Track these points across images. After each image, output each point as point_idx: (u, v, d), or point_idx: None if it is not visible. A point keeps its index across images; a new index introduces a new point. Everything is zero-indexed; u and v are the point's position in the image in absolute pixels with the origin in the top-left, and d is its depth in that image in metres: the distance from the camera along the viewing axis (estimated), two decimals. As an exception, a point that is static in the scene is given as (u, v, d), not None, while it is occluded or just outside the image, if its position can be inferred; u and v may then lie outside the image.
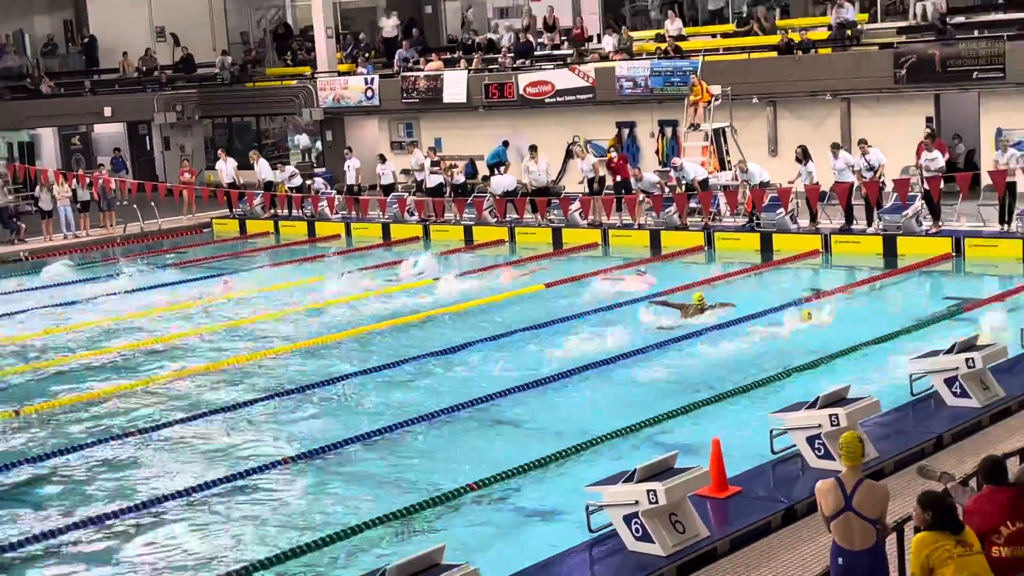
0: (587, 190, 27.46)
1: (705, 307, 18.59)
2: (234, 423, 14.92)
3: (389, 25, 36.76)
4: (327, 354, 18.09)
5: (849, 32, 28.54)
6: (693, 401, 14.11)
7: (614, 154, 28.20)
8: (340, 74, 36.13)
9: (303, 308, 21.30)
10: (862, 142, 24.04)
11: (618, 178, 27.53)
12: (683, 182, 25.66)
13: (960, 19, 28.19)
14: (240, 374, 17.25)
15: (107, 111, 38.13)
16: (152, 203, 31.38)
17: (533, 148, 28.49)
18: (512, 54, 33.40)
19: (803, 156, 24.23)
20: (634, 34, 32.58)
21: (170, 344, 19.21)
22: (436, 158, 30.41)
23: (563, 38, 33.56)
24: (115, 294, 23.48)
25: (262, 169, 32.25)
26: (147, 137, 40.64)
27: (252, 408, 15.38)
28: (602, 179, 27.65)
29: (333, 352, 18.20)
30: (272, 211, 31.35)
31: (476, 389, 15.37)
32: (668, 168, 26.87)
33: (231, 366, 17.58)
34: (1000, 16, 28.36)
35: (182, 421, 14.91)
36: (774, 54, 29.02)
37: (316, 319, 20.56)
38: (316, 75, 36.67)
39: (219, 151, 34.38)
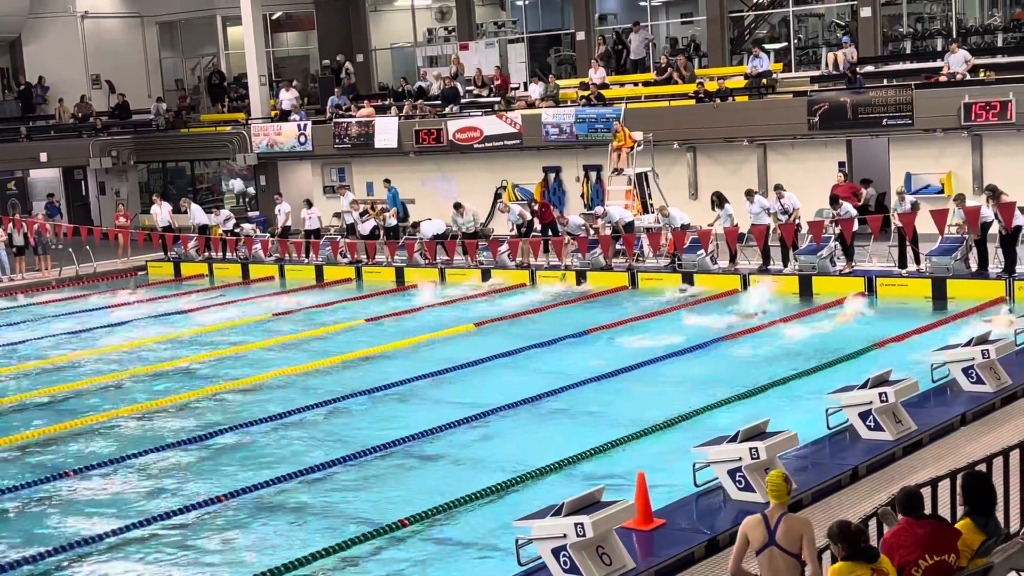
0: (515, 233, 28.29)
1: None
2: (170, 461, 15.07)
3: (288, 98, 36.79)
4: (261, 393, 18.44)
5: (764, 81, 29.58)
6: (619, 436, 14.47)
7: (535, 205, 29.06)
8: (273, 120, 36.70)
9: (239, 348, 21.76)
10: (778, 187, 25.07)
11: (549, 219, 28.46)
12: (609, 225, 26.57)
13: (870, 68, 29.25)
14: (175, 413, 17.49)
15: (43, 156, 38.33)
16: (87, 247, 31.64)
17: (457, 205, 29.04)
18: (439, 101, 34.21)
19: (718, 202, 25.16)
20: (559, 82, 33.52)
21: (104, 384, 19.48)
22: (363, 208, 30.98)
23: (490, 88, 34.44)
24: (49, 336, 23.80)
25: (195, 214, 32.65)
26: (83, 182, 40.85)
27: (188, 447, 15.58)
28: (530, 223, 28.45)
29: (267, 391, 18.55)
30: (206, 254, 31.86)
31: (408, 424, 15.72)
32: (592, 213, 27.66)
33: (167, 405, 17.83)
34: (907, 66, 29.55)
35: (118, 460, 14.99)
36: (693, 102, 29.96)
37: (249, 359, 20.96)
38: (250, 121, 37.21)
39: (154, 196, 34.77)
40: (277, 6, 41.75)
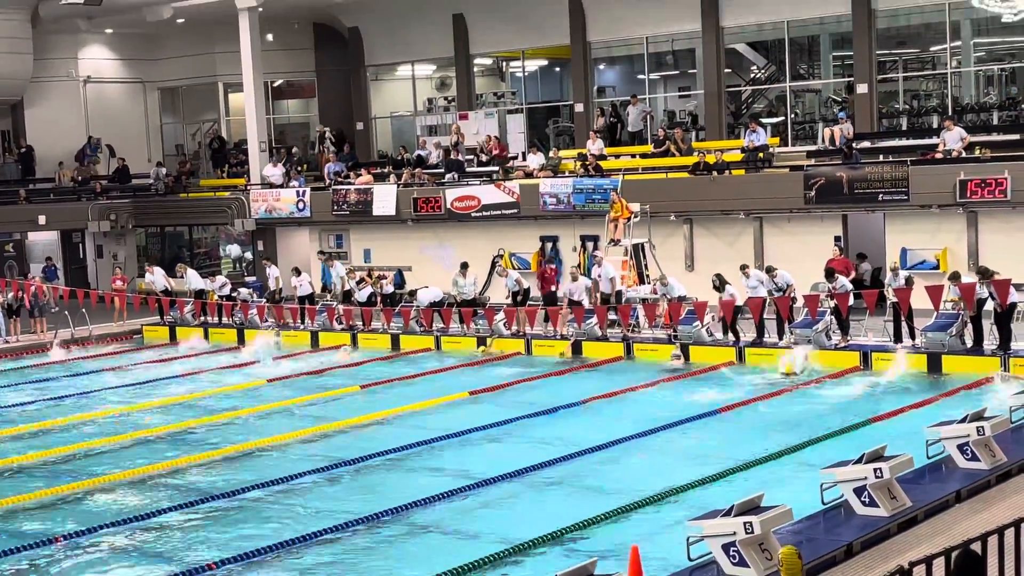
0: (511, 302, 28.35)
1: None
2: (161, 527, 15.00)
3: (275, 173, 37.04)
4: (253, 460, 18.37)
5: (761, 155, 29.82)
6: (613, 508, 14.40)
7: (548, 266, 29.11)
8: (272, 186, 36.83)
9: (234, 413, 21.73)
10: (770, 268, 25.14)
11: (551, 288, 28.51)
12: (606, 282, 26.66)
13: (866, 144, 29.52)
14: (167, 479, 17.41)
15: (41, 219, 38.55)
16: (83, 310, 31.69)
17: (464, 265, 29.22)
18: (441, 170, 34.47)
19: (720, 284, 25.17)
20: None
21: (97, 449, 19.41)
22: (360, 276, 31.05)
23: (488, 157, 34.68)
24: (42, 400, 23.77)
25: (191, 279, 32.78)
26: (80, 245, 40.99)
27: (180, 512, 15.50)
28: (527, 291, 28.54)
29: (259, 458, 18.48)
30: (202, 318, 31.89)
31: (400, 494, 15.64)
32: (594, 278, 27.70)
33: (159, 471, 17.74)
34: (904, 142, 29.79)
35: (109, 526, 14.91)
36: (690, 174, 30.20)
37: (243, 424, 20.95)
38: (249, 187, 37.39)
39: (146, 265, 34.85)
40: (279, 74, 42.13)
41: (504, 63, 39.21)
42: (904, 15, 31.41)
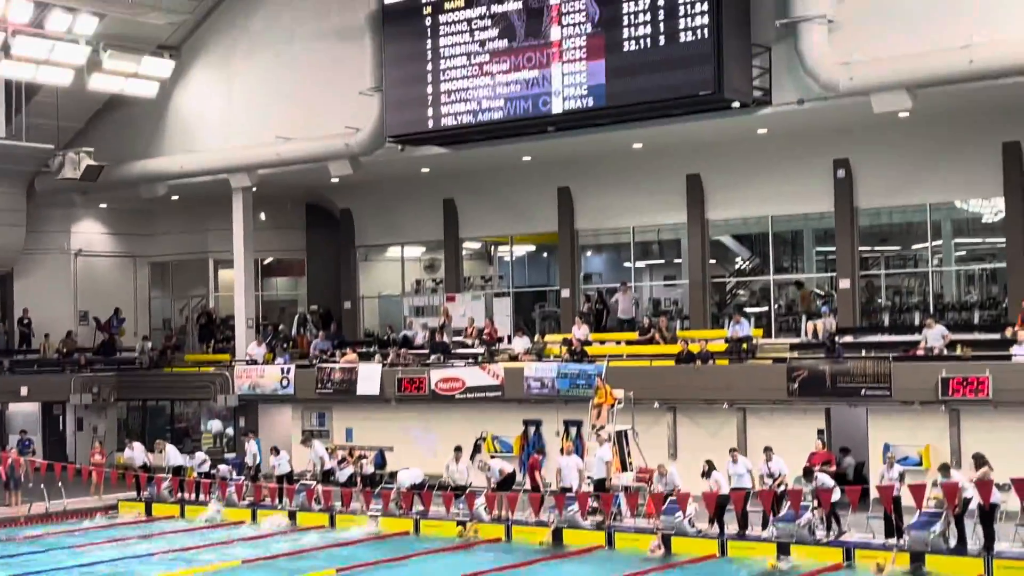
0: (493, 486, 28.12)
1: None
2: None
3: (259, 353, 37.04)
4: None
5: (745, 346, 30.01)
6: None
7: (539, 457, 29.16)
8: (257, 363, 36.84)
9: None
10: (767, 449, 25.17)
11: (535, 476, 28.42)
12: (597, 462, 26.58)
13: (849, 339, 29.74)
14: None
15: (23, 390, 38.42)
16: (60, 483, 31.37)
17: (458, 449, 29.12)
18: (427, 350, 34.61)
19: (708, 471, 25.07)
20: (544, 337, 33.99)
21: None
22: (341, 455, 30.93)
23: (475, 340, 34.86)
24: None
25: (170, 455, 32.61)
26: (61, 417, 40.74)
27: None
28: (512, 475, 28.35)
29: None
30: (179, 495, 31.57)
31: None
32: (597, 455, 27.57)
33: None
34: (886, 338, 30.02)
35: None
36: (673, 362, 30.33)
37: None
38: (234, 363, 37.41)
39: (126, 440, 34.69)
40: (269, 251, 42.58)
41: (492, 247, 39.71)
42: (886, 213, 31.99)
